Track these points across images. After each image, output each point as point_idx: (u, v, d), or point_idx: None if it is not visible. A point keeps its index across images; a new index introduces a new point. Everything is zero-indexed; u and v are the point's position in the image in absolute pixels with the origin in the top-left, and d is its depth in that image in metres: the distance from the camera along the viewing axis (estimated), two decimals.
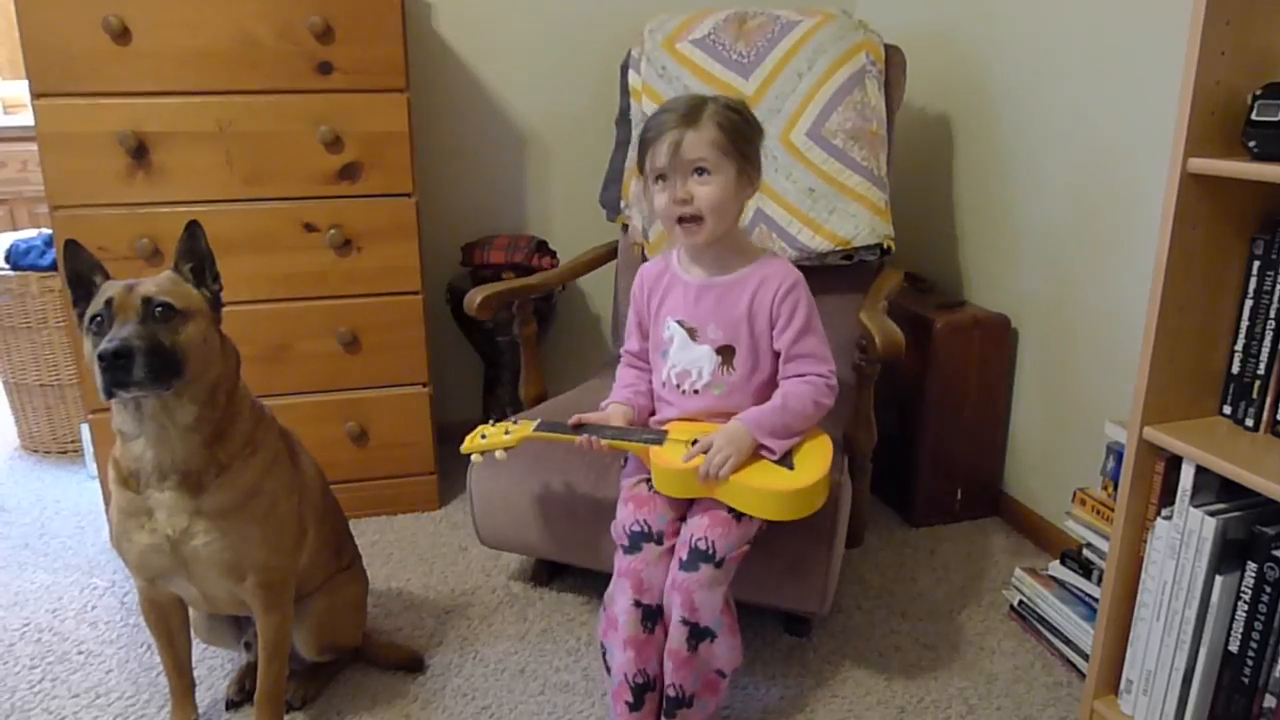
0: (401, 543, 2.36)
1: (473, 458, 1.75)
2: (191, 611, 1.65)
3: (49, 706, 1.75)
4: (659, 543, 1.57)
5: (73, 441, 2.89)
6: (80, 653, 1.91)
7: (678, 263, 1.70)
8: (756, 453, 1.56)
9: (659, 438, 1.62)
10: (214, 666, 1.87)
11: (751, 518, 1.57)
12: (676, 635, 1.54)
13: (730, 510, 1.56)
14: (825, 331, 1.67)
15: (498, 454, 1.70)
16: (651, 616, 1.55)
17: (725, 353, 1.63)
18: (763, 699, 1.78)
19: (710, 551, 1.52)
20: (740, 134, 1.57)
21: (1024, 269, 2.34)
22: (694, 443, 1.57)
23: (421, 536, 2.39)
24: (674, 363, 1.67)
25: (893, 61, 2.30)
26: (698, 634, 1.54)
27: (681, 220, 1.57)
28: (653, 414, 1.74)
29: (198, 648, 1.73)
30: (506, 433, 1.71)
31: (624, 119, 2.49)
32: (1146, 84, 1.93)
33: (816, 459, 1.60)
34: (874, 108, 2.23)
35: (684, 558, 1.53)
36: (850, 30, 2.28)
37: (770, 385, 1.65)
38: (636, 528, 1.58)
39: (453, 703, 1.77)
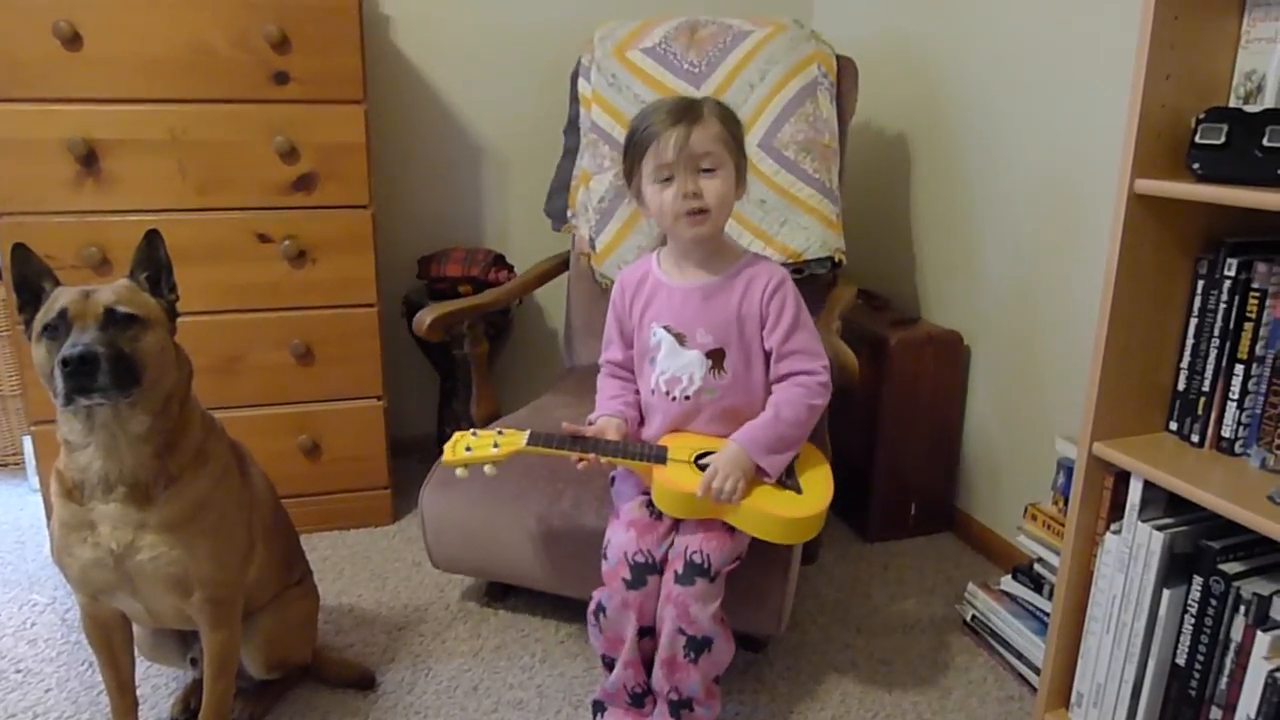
0: (354, 558, 2.33)
1: (457, 471, 1.59)
2: (135, 628, 1.61)
3: None
4: (660, 573, 1.58)
5: (14, 454, 2.81)
6: (18, 671, 1.86)
7: (658, 266, 1.67)
8: (756, 475, 1.56)
9: (661, 455, 1.58)
10: (158, 685, 1.82)
11: (739, 531, 1.58)
12: (672, 644, 1.55)
13: (727, 525, 1.57)
14: None
15: (486, 469, 1.57)
16: (646, 633, 1.60)
17: (715, 356, 1.61)
18: (719, 715, 1.77)
19: (705, 565, 1.53)
20: (736, 129, 1.59)
21: (977, 287, 2.37)
22: (698, 458, 1.56)
23: (374, 552, 2.36)
24: (663, 369, 1.64)
25: (845, 73, 2.31)
26: (696, 645, 1.55)
27: (689, 214, 1.55)
28: (641, 423, 1.71)
29: (141, 665, 1.69)
30: (495, 445, 1.57)
31: (572, 127, 2.48)
32: (1097, 105, 1.98)
33: (821, 485, 1.62)
34: (826, 120, 2.25)
35: (679, 571, 1.54)
36: (802, 42, 2.29)
37: (763, 386, 1.63)
38: (641, 559, 1.57)
39: None
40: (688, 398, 1.63)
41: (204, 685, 1.54)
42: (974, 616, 2.02)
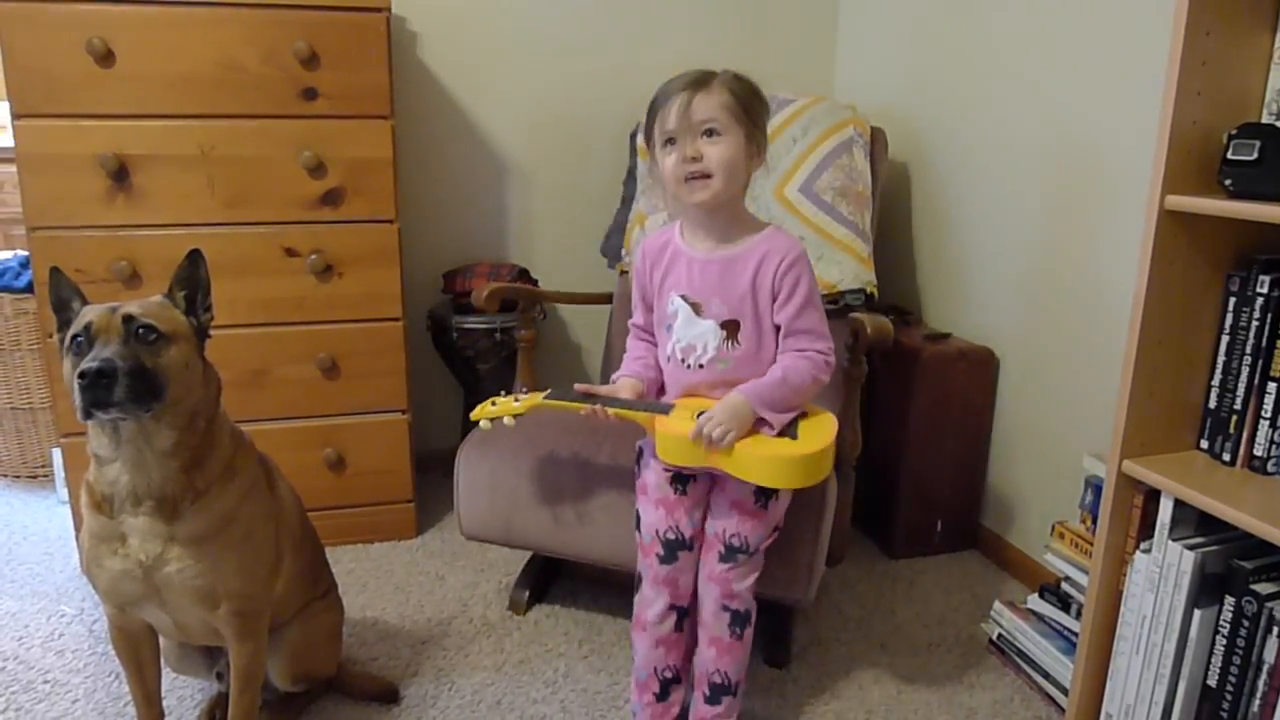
0: (378, 571, 2.33)
1: (481, 424, 1.73)
2: (162, 640, 1.62)
3: None
4: (690, 549, 1.63)
5: (43, 466, 2.84)
6: (46, 682, 1.87)
7: (680, 236, 1.68)
8: (756, 427, 1.56)
9: (665, 409, 1.61)
10: (184, 696, 1.83)
11: (773, 504, 1.61)
12: (719, 623, 1.62)
13: (754, 501, 1.59)
14: None
15: (506, 420, 1.70)
16: (684, 616, 1.67)
17: (730, 327, 1.62)
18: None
19: (744, 545, 1.60)
20: (749, 100, 1.57)
21: (1006, 303, 2.36)
22: (700, 415, 1.57)
23: (398, 565, 2.37)
24: (679, 337, 1.65)
25: (877, 139, 2.48)
26: (740, 619, 1.62)
27: (689, 178, 1.55)
28: (662, 388, 1.73)
29: (168, 677, 1.70)
30: (516, 400, 1.72)
31: (630, 178, 2.61)
32: (1124, 122, 1.96)
33: (820, 430, 1.60)
34: (860, 171, 2.40)
35: (721, 551, 1.60)
36: (839, 109, 2.48)
37: (773, 360, 1.64)
38: (671, 535, 1.62)
39: None
40: (701, 366, 1.64)
41: (230, 697, 1.55)
42: (1000, 635, 2.00)
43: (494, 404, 1.74)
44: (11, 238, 3.58)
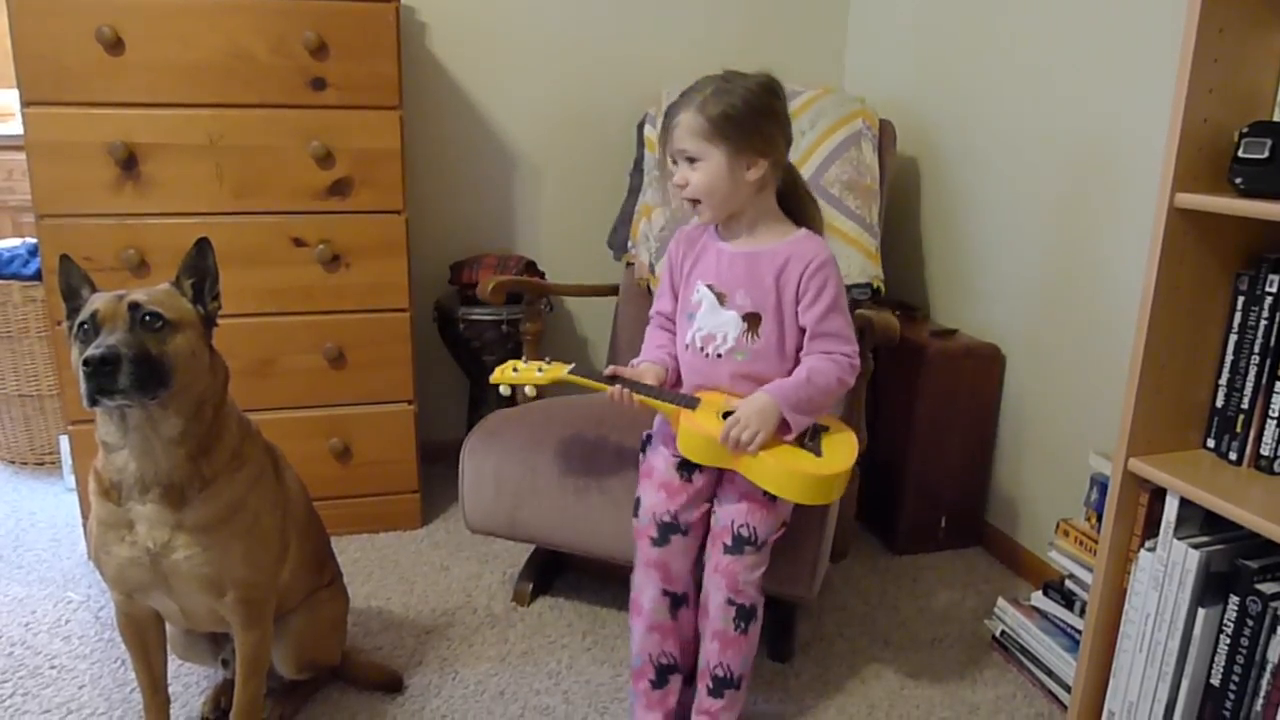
0: (383, 561, 2.34)
1: (500, 388, 1.72)
2: (168, 627, 1.62)
3: None
4: (686, 534, 1.63)
5: (50, 453, 2.85)
6: (53, 667, 1.88)
7: (714, 228, 1.71)
8: (779, 430, 1.57)
9: (692, 403, 1.62)
10: (190, 683, 1.84)
11: (782, 499, 1.60)
12: (723, 616, 1.61)
13: (764, 493, 1.58)
14: None
15: (527, 389, 1.68)
16: (678, 603, 1.66)
17: (751, 319, 1.63)
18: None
19: (752, 536, 1.59)
20: (729, 116, 1.54)
21: (1013, 300, 2.36)
22: (726, 415, 1.58)
23: (403, 555, 2.37)
24: (700, 325, 1.67)
25: (885, 132, 2.49)
26: (745, 614, 1.61)
27: (685, 200, 1.62)
28: (679, 378, 1.74)
29: (173, 663, 1.71)
30: (540, 370, 1.69)
31: (637, 169, 2.62)
32: (1134, 120, 1.96)
33: (844, 450, 1.62)
34: (868, 165, 2.42)
35: (728, 543, 1.60)
36: (848, 101, 2.50)
37: (793, 359, 1.65)
38: (667, 518, 1.62)
39: None
40: (719, 355, 1.65)
41: (235, 685, 1.56)
42: (1003, 632, 2.00)
43: (516, 370, 1.71)
44: (20, 225, 3.59)
